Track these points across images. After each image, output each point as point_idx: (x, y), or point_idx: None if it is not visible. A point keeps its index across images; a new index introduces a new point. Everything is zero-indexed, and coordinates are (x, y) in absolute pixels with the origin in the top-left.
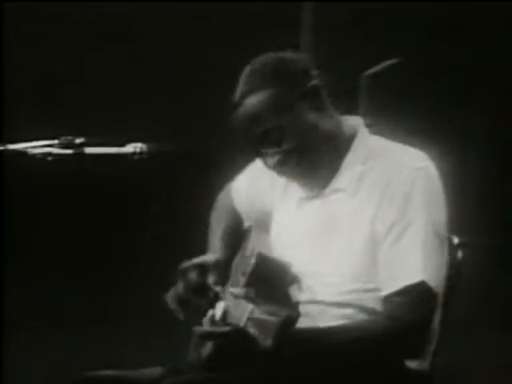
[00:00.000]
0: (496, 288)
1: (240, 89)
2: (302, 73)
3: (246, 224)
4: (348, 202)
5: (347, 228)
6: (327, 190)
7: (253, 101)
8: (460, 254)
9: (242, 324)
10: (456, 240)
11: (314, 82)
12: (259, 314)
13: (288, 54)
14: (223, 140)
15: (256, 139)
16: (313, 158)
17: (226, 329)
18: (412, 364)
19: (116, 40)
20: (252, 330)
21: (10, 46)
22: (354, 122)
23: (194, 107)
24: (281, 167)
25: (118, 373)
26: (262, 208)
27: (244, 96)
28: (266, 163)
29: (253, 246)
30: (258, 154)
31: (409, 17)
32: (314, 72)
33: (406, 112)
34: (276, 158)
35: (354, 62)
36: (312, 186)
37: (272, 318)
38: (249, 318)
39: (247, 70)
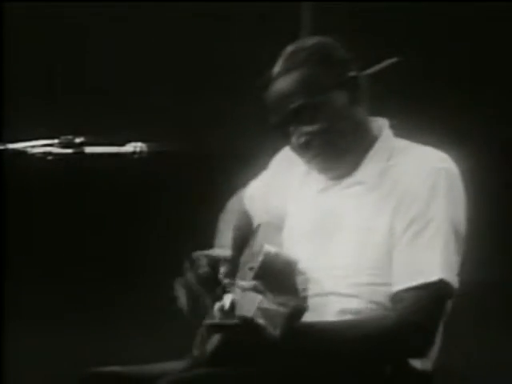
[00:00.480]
0: (497, 288)
1: (280, 64)
2: (343, 61)
3: (256, 224)
4: (367, 195)
5: (364, 221)
6: (346, 182)
7: (292, 77)
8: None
9: (250, 314)
10: None
11: (353, 73)
12: (268, 304)
13: (332, 41)
14: (224, 140)
15: (287, 115)
16: (338, 146)
17: (236, 320)
18: (415, 363)
19: (116, 40)
20: (261, 321)
21: (10, 46)
22: (380, 122)
23: (195, 107)
24: (305, 148)
25: (123, 369)
26: (276, 212)
27: (283, 72)
28: (291, 143)
29: (260, 242)
30: (285, 132)
31: (409, 16)
32: (354, 65)
33: (406, 112)
34: (303, 139)
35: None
36: (331, 176)
37: (281, 309)
38: (258, 309)
39: (290, 48)
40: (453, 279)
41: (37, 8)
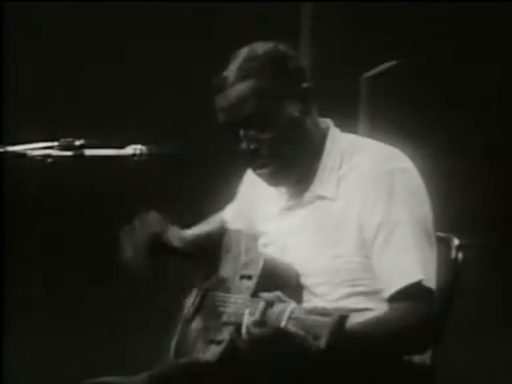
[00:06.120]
0: (495, 288)
1: (234, 70)
2: (297, 71)
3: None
4: (329, 209)
5: (333, 235)
6: (306, 198)
7: (247, 84)
8: (460, 255)
9: (282, 324)
10: (456, 241)
11: (307, 84)
12: (303, 314)
13: (288, 49)
14: (222, 142)
15: (239, 121)
16: (285, 156)
17: (269, 330)
18: (414, 358)
19: (116, 41)
20: (294, 330)
21: (9, 46)
22: (324, 124)
23: (195, 109)
24: (254, 156)
25: (117, 379)
26: (247, 220)
27: (238, 79)
28: (240, 148)
29: (246, 251)
30: (235, 135)
31: (409, 17)
32: (307, 75)
33: (406, 114)
34: (252, 145)
35: (353, 64)
36: (289, 190)
37: (322, 318)
38: (290, 318)
39: (244, 53)
40: (430, 275)
41: (37, 8)
